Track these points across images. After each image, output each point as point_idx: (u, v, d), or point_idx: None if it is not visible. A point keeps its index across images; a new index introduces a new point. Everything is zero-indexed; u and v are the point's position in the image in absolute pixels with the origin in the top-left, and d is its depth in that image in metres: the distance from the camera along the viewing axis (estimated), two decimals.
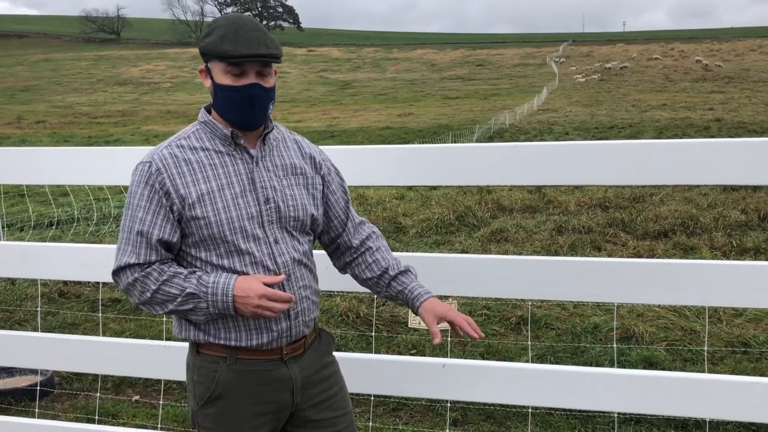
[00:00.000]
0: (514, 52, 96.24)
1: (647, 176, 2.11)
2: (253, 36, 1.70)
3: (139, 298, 1.75)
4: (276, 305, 1.70)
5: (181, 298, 1.71)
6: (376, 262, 1.94)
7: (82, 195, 10.85)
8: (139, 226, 1.74)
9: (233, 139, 1.78)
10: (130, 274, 1.74)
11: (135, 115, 41.47)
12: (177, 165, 1.74)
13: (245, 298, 1.68)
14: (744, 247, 6.89)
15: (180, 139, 1.79)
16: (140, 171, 1.76)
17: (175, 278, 1.72)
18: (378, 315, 4.96)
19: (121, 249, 1.77)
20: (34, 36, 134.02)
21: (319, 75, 75.64)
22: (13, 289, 5.94)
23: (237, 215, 1.74)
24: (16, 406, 3.79)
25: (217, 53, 1.71)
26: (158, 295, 1.72)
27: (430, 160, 2.26)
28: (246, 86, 1.73)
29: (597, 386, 2.22)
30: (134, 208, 1.75)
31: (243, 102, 1.74)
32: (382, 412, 3.67)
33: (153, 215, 1.73)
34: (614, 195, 9.63)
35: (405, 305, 1.93)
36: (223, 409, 1.79)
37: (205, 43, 1.75)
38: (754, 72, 58.27)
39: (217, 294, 1.70)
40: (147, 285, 1.73)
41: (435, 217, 8.58)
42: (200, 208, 1.72)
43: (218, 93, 1.77)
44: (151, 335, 4.81)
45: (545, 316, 4.94)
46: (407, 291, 1.90)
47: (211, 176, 1.75)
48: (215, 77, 1.76)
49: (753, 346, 4.35)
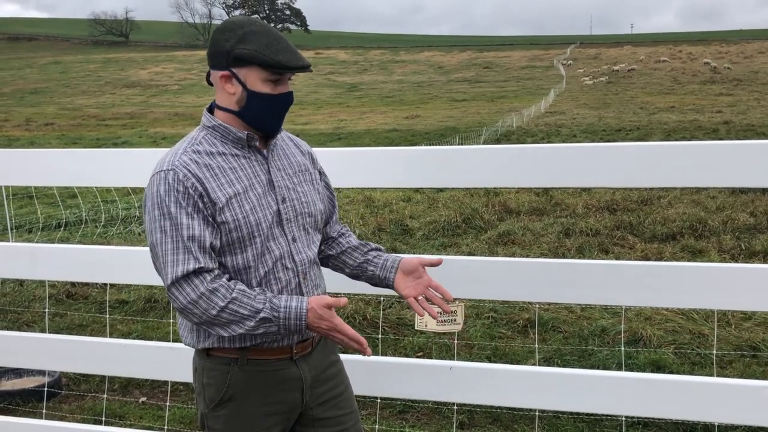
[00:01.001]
0: (521, 54, 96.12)
1: (655, 179, 2.10)
2: (291, 46, 1.74)
3: (201, 316, 1.65)
4: (342, 338, 1.71)
5: (254, 322, 1.65)
6: (353, 242, 2.02)
7: (90, 197, 10.90)
8: (188, 232, 1.65)
9: (248, 142, 1.78)
10: (193, 287, 1.64)
11: (143, 118, 41.65)
12: (200, 170, 1.71)
13: (318, 328, 1.70)
14: (753, 250, 6.85)
15: (193, 145, 1.76)
16: (166, 178, 1.68)
17: (244, 297, 1.66)
18: (384, 317, 4.96)
19: (172, 260, 1.64)
20: (44, 39, 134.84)
21: (326, 77, 75.75)
22: (22, 290, 5.97)
23: (263, 216, 1.75)
24: (24, 407, 3.81)
25: (266, 62, 1.68)
26: (224, 314, 1.64)
27: (437, 163, 2.26)
28: (284, 95, 1.76)
29: (604, 389, 2.21)
30: (173, 215, 1.66)
31: (278, 110, 1.77)
32: (388, 415, 3.67)
33: (198, 220, 1.67)
34: (622, 197, 9.60)
35: (382, 270, 1.94)
36: (235, 410, 1.79)
37: (246, 49, 1.68)
38: (763, 74, 57.94)
39: (290, 319, 1.67)
40: (213, 301, 1.63)
41: (442, 219, 8.57)
42: (230, 212, 1.71)
43: (252, 100, 1.74)
44: (158, 337, 4.82)
45: (552, 319, 4.93)
46: (385, 257, 1.96)
47: (234, 179, 1.74)
48: (250, 84, 1.72)
49: (762, 349, 4.32)
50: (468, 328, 4.76)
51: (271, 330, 1.68)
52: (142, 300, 5.56)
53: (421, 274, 1.90)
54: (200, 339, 1.80)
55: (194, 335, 1.81)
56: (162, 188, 1.68)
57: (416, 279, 1.90)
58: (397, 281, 1.90)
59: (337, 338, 1.71)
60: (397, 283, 1.90)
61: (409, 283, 1.90)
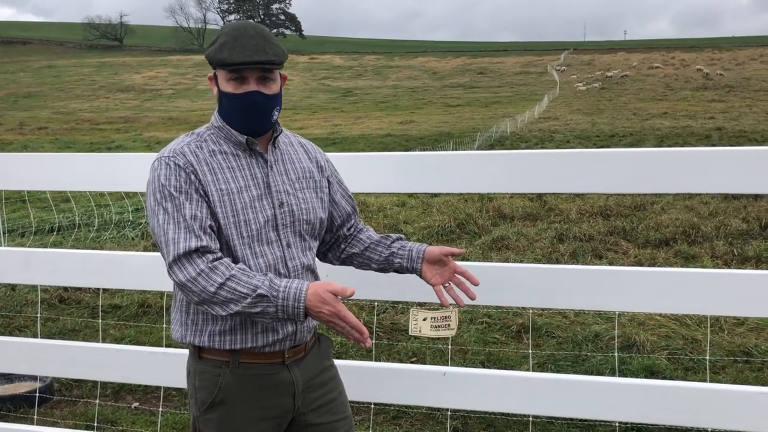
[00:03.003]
0: (515, 60, 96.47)
1: (648, 184, 2.11)
2: (252, 43, 1.71)
3: (200, 294, 1.63)
4: (344, 325, 1.65)
5: (251, 298, 1.61)
6: (374, 237, 2.02)
7: (84, 201, 10.86)
8: (190, 211, 1.67)
9: (249, 146, 1.79)
10: (193, 264, 1.63)
11: (137, 122, 41.58)
12: (198, 162, 1.74)
13: (318, 312, 1.64)
14: (745, 255, 6.88)
15: (197, 140, 1.79)
16: (168, 163, 1.71)
17: (243, 275, 1.63)
18: (379, 322, 4.95)
19: (174, 238, 1.64)
20: (38, 42, 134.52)
21: (321, 82, 75.83)
22: (14, 294, 5.93)
23: (254, 218, 1.75)
24: (15, 413, 3.78)
25: (217, 61, 1.73)
26: (222, 291, 1.61)
27: (431, 168, 2.27)
28: (247, 93, 1.74)
29: (598, 395, 2.21)
30: (176, 196, 1.67)
31: (245, 109, 1.75)
32: (382, 420, 3.66)
33: (198, 203, 1.68)
34: (615, 203, 9.63)
35: (408, 259, 1.95)
36: (226, 414, 1.79)
37: (208, 51, 1.77)
38: (755, 81, 58.35)
39: (289, 299, 1.62)
40: (212, 278, 1.61)
41: (436, 224, 8.58)
42: (220, 208, 1.72)
43: (222, 100, 1.79)
44: (151, 342, 4.80)
45: (546, 324, 4.93)
46: (410, 246, 1.97)
47: (230, 178, 1.75)
48: (220, 85, 1.78)
49: (755, 355, 4.34)
50: (462, 333, 4.76)
51: (268, 310, 1.62)
52: (135, 305, 5.54)
53: (446, 261, 1.94)
54: (188, 333, 1.80)
55: (183, 329, 1.81)
56: (163, 173, 1.71)
57: (442, 267, 1.94)
58: (425, 271, 1.94)
59: (338, 325, 1.65)
60: (425, 272, 1.94)
61: (435, 272, 1.94)
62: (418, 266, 1.93)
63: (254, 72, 1.73)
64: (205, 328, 1.78)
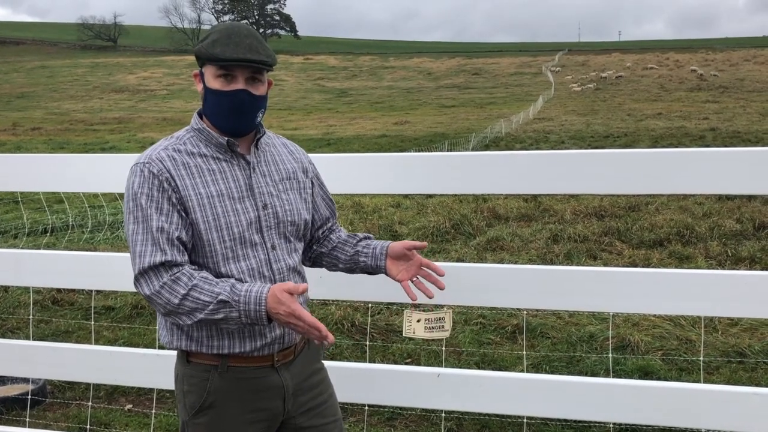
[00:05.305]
0: (510, 60, 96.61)
1: (642, 185, 2.11)
2: (246, 42, 1.71)
3: (165, 306, 1.65)
4: (302, 324, 1.62)
5: (212, 305, 1.62)
6: (342, 236, 2.01)
7: (77, 202, 10.82)
8: (157, 224, 1.66)
9: (230, 147, 1.78)
10: (157, 277, 1.64)
11: (131, 123, 41.46)
12: (176, 167, 1.72)
13: (276, 314, 1.62)
14: (739, 256, 6.90)
15: (176, 144, 1.77)
16: (142, 171, 1.70)
17: (205, 284, 1.64)
18: (373, 323, 4.95)
19: (140, 251, 1.65)
20: (31, 43, 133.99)
21: (315, 83, 75.78)
22: (6, 296, 5.90)
23: (236, 221, 1.73)
24: (8, 415, 3.76)
25: (208, 56, 1.72)
26: (187, 302, 1.63)
27: (425, 169, 2.27)
28: (235, 91, 1.73)
29: (592, 396, 2.21)
30: (145, 207, 1.67)
31: (231, 107, 1.74)
32: (376, 422, 3.65)
33: (167, 214, 1.67)
34: (610, 204, 9.64)
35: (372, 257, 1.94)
36: (215, 418, 1.77)
37: (199, 46, 1.75)
38: (749, 82, 58.62)
39: (250, 303, 1.61)
40: (175, 290, 1.63)
41: (431, 225, 8.57)
42: (200, 212, 1.71)
43: (208, 97, 1.77)
44: (145, 344, 4.78)
45: (541, 325, 4.93)
46: (374, 245, 1.95)
47: (210, 181, 1.74)
48: (207, 81, 1.76)
49: (748, 355, 4.35)
50: (456, 334, 4.76)
51: (231, 315, 1.62)
52: (128, 306, 5.52)
53: (410, 256, 1.91)
54: (174, 338, 1.79)
55: (169, 335, 1.80)
56: (137, 180, 1.71)
57: (407, 262, 1.91)
58: (389, 268, 1.91)
59: (296, 325, 1.63)
60: (389, 269, 1.91)
61: (401, 267, 1.91)
62: (382, 263, 1.91)
63: (245, 71, 1.73)
64: (192, 332, 1.76)
